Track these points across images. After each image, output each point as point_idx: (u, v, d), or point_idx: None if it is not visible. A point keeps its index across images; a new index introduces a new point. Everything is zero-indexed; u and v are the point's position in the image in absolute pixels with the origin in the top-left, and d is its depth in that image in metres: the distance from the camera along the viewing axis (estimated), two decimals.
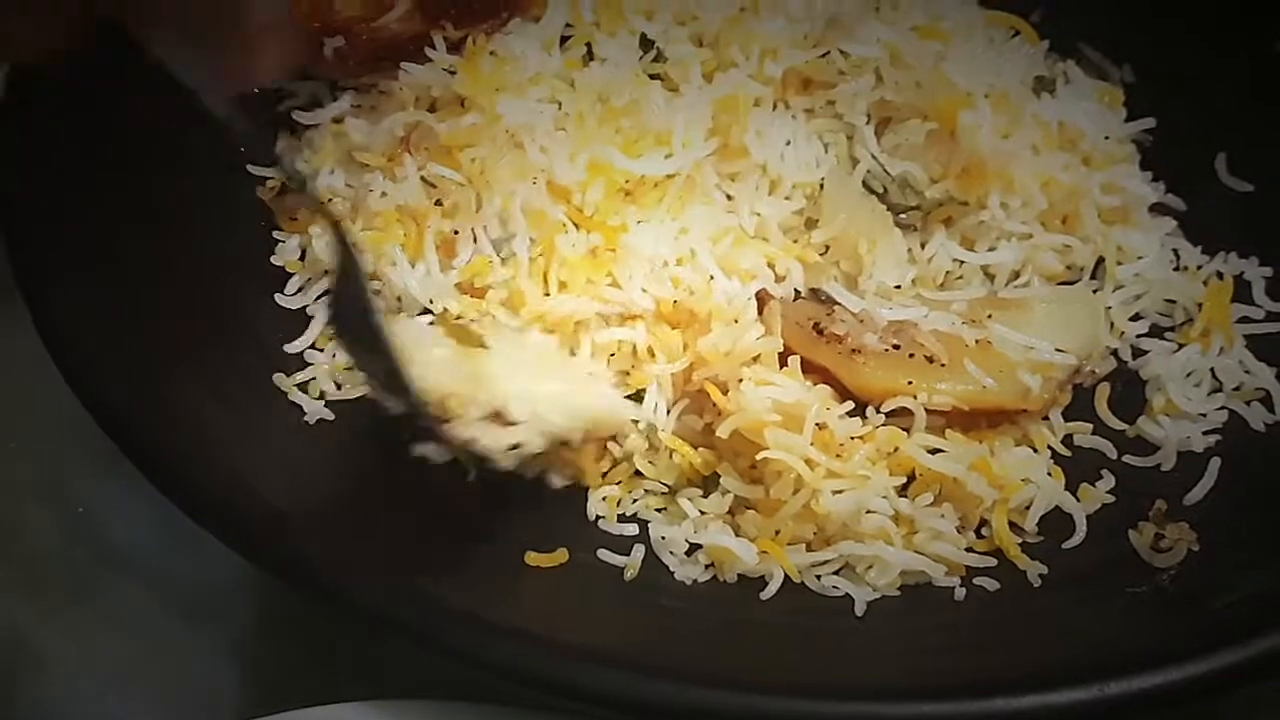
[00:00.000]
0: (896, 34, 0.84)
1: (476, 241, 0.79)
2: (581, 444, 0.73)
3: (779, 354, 0.75)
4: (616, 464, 0.76)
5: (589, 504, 0.76)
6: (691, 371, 0.76)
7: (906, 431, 0.75)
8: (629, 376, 0.77)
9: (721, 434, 0.73)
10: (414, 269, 0.80)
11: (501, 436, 0.67)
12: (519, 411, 0.67)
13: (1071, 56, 0.91)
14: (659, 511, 0.76)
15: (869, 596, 0.72)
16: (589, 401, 0.72)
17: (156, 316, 0.75)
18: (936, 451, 0.74)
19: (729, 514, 0.75)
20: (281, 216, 0.85)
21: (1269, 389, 0.80)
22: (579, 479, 0.76)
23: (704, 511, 0.75)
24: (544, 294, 0.77)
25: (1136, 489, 0.76)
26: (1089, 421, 0.79)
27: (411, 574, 0.67)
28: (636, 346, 0.77)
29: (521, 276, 0.77)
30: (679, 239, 0.78)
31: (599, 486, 0.76)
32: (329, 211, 0.71)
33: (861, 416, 0.75)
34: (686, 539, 0.74)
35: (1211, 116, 0.89)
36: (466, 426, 0.65)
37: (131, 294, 0.75)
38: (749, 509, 0.74)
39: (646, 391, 0.77)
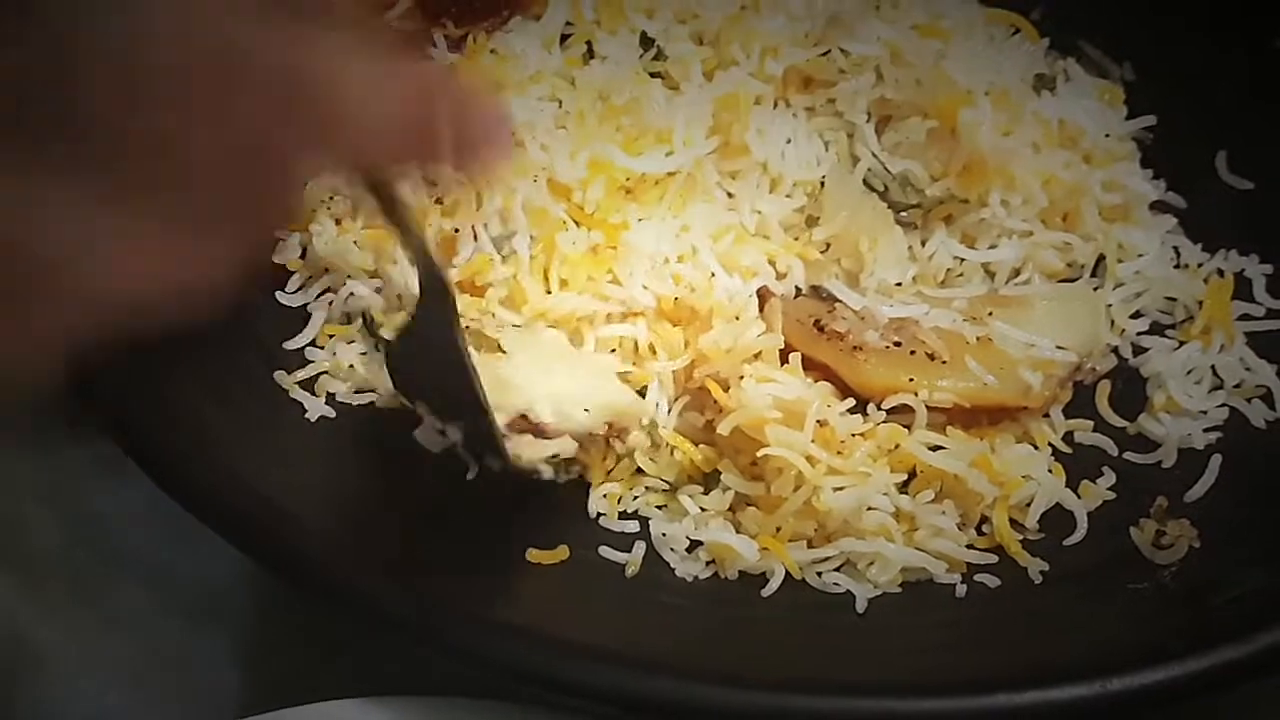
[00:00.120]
0: (897, 32, 0.84)
1: (477, 239, 0.79)
2: (606, 436, 0.73)
3: (780, 351, 0.75)
4: (619, 461, 0.76)
5: (590, 501, 0.75)
6: (693, 368, 0.76)
7: (907, 428, 0.74)
8: (630, 374, 0.77)
9: (722, 431, 0.73)
10: (415, 267, 0.80)
11: (540, 448, 0.67)
12: (545, 413, 0.67)
13: (1072, 54, 0.91)
14: (660, 509, 0.76)
15: (870, 593, 0.72)
16: (609, 393, 0.72)
17: None
18: (937, 448, 0.74)
19: (730, 511, 0.74)
20: None
21: (1270, 386, 0.80)
22: (584, 475, 0.76)
23: (705, 508, 0.75)
24: (545, 291, 0.77)
25: (1137, 486, 0.76)
26: (1090, 419, 0.79)
27: (412, 571, 0.67)
28: (638, 343, 0.77)
29: (522, 274, 0.77)
30: (680, 236, 0.78)
31: (601, 483, 0.76)
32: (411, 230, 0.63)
33: (862, 413, 0.75)
34: (687, 536, 0.74)
35: (1212, 114, 0.89)
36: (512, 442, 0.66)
37: None
38: (750, 506, 0.74)
39: (648, 388, 0.76)
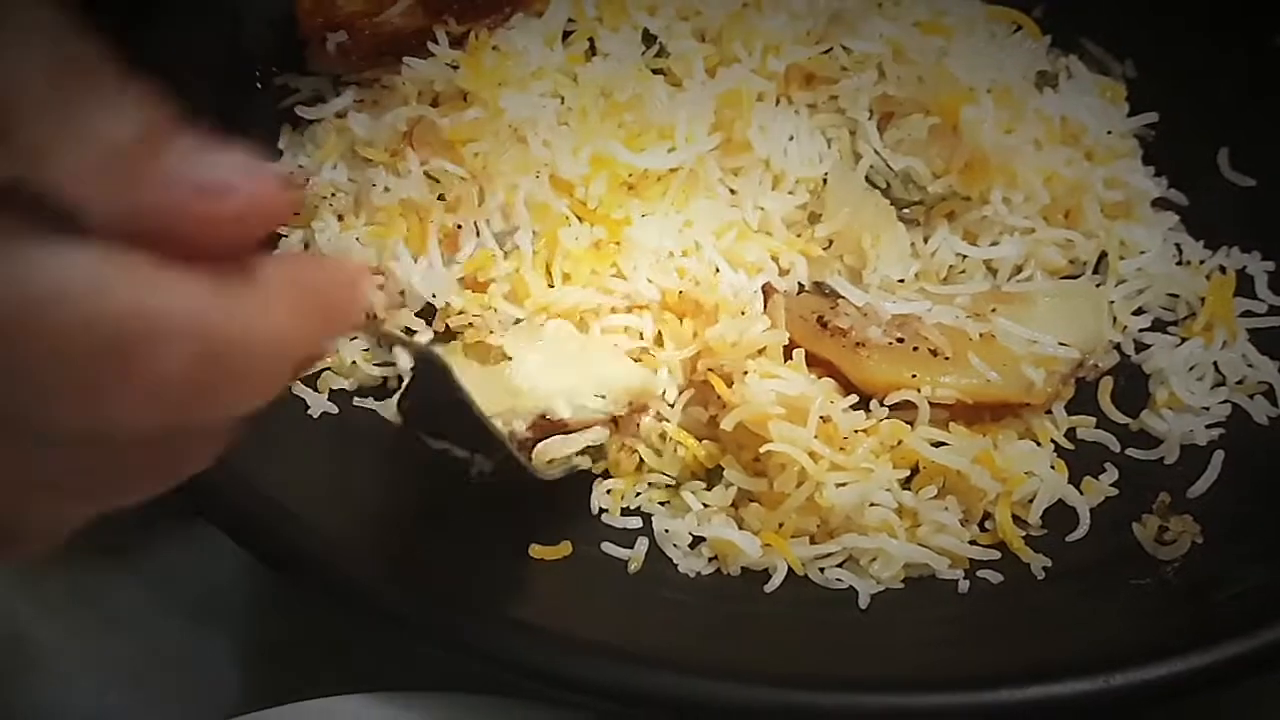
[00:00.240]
0: (899, 29, 0.84)
1: (479, 235, 0.79)
2: (629, 416, 0.73)
3: (783, 347, 0.75)
4: (634, 453, 0.76)
5: (593, 497, 0.75)
6: (698, 360, 0.76)
7: (910, 425, 0.74)
8: (638, 354, 0.77)
9: (725, 427, 0.73)
10: (416, 264, 0.80)
11: (570, 444, 0.67)
12: (563, 410, 0.67)
13: (1074, 52, 0.91)
14: (662, 505, 0.76)
15: (873, 589, 0.72)
16: (622, 375, 0.73)
17: None
18: (940, 445, 0.74)
19: (732, 507, 0.74)
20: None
21: (1272, 382, 0.80)
22: (613, 470, 0.76)
23: (707, 504, 0.75)
24: (548, 285, 0.77)
25: (1140, 482, 0.76)
26: (1092, 415, 0.79)
27: (414, 567, 0.67)
28: (644, 333, 0.76)
29: (525, 269, 0.77)
30: (683, 232, 0.78)
31: (626, 475, 0.76)
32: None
33: (865, 410, 0.75)
34: (690, 532, 0.74)
35: (1213, 111, 0.89)
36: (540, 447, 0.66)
37: None
38: (752, 502, 0.74)
39: (658, 371, 0.76)
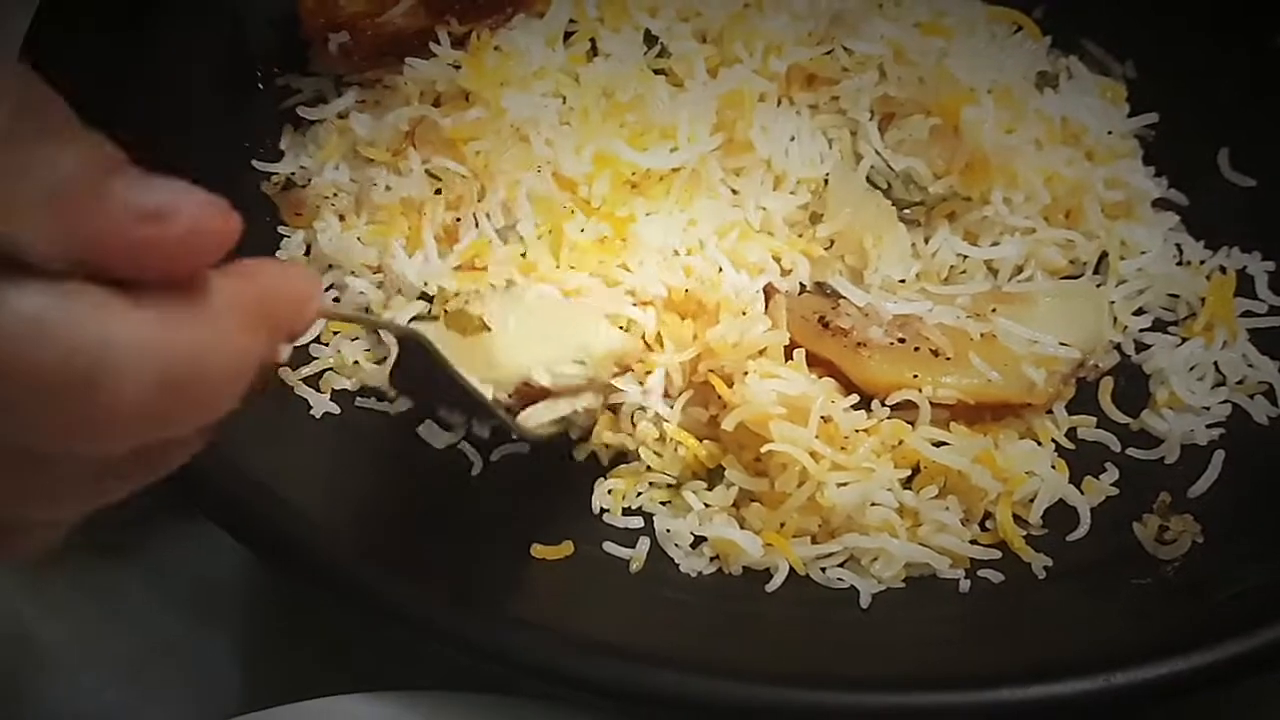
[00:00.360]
0: (899, 30, 0.84)
1: (478, 226, 0.79)
2: (614, 377, 0.74)
3: (784, 347, 0.75)
4: (626, 455, 0.77)
5: (594, 497, 0.75)
6: (698, 362, 0.76)
7: (911, 424, 0.74)
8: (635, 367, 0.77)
9: (726, 427, 0.73)
10: (412, 258, 0.80)
11: (557, 407, 0.67)
12: (543, 377, 0.67)
13: (1074, 52, 0.91)
14: (664, 504, 0.76)
15: (874, 588, 0.72)
16: (603, 341, 0.73)
17: None
18: (941, 444, 0.74)
19: (734, 507, 0.74)
20: (286, 212, 0.85)
21: (1272, 382, 0.80)
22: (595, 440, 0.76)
23: (709, 504, 0.75)
24: (554, 266, 0.77)
25: (1140, 482, 0.76)
26: (1093, 415, 0.79)
27: (416, 566, 0.67)
28: (646, 333, 0.76)
29: (531, 249, 0.77)
30: (688, 231, 0.78)
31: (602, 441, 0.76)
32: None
33: (866, 410, 0.75)
34: (691, 531, 0.74)
35: (1214, 112, 0.89)
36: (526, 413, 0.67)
37: None
38: (754, 501, 0.74)
39: (652, 378, 0.76)
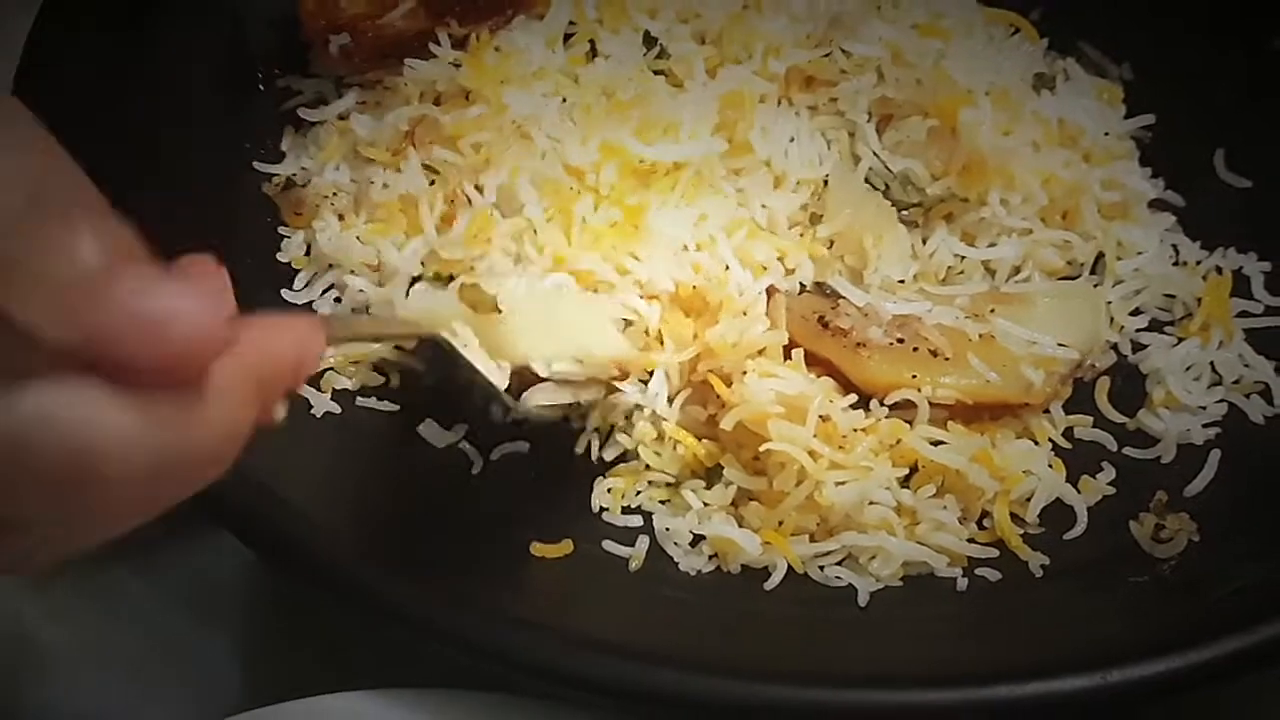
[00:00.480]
0: (898, 32, 0.84)
1: (471, 204, 0.78)
2: (617, 378, 0.74)
3: (783, 346, 0.75)
4: (625, 454, 0.77)
5: (593, 496, 0.76)
6: (698, 361, 0.76)
7: (909, 424, 0.75)
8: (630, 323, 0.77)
9: (725, 426, 0.73)
10: (403, 252, 0.80)
11: (556, 393, 0.69)
12: (540, 369, 0.68)
13: (1071, 54, 0.92)
14: (663, 503, 0.76)
15: (872, 587, 0.72)
16: (607, 346, 0.73)
17: None
18: (939, 444, 0.74)
19: (732, 505, 0.75)
20: (287, 212, 0.85)
21: (1268, 382, 0.80)
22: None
23: (707, 503, 0.75)
24: (566, 244, 0.77)
25: (1137, 481, 0.77)
26: (1090, 414, 0.80)
27: (416, 564, 0.67)
28: (648, 329, 0.77)
29: (540, 227, 0.77)
30: (699, 225, 0.78)
31: (598, 429, 0.77)
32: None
33: (864, 409, 0.75)
34: (690, 530, 0.74)
35: (1210, 113, 0.90)
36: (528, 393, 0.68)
37: None
38: (752, 500, 0.74)
39: (652, 378, 0.76)
